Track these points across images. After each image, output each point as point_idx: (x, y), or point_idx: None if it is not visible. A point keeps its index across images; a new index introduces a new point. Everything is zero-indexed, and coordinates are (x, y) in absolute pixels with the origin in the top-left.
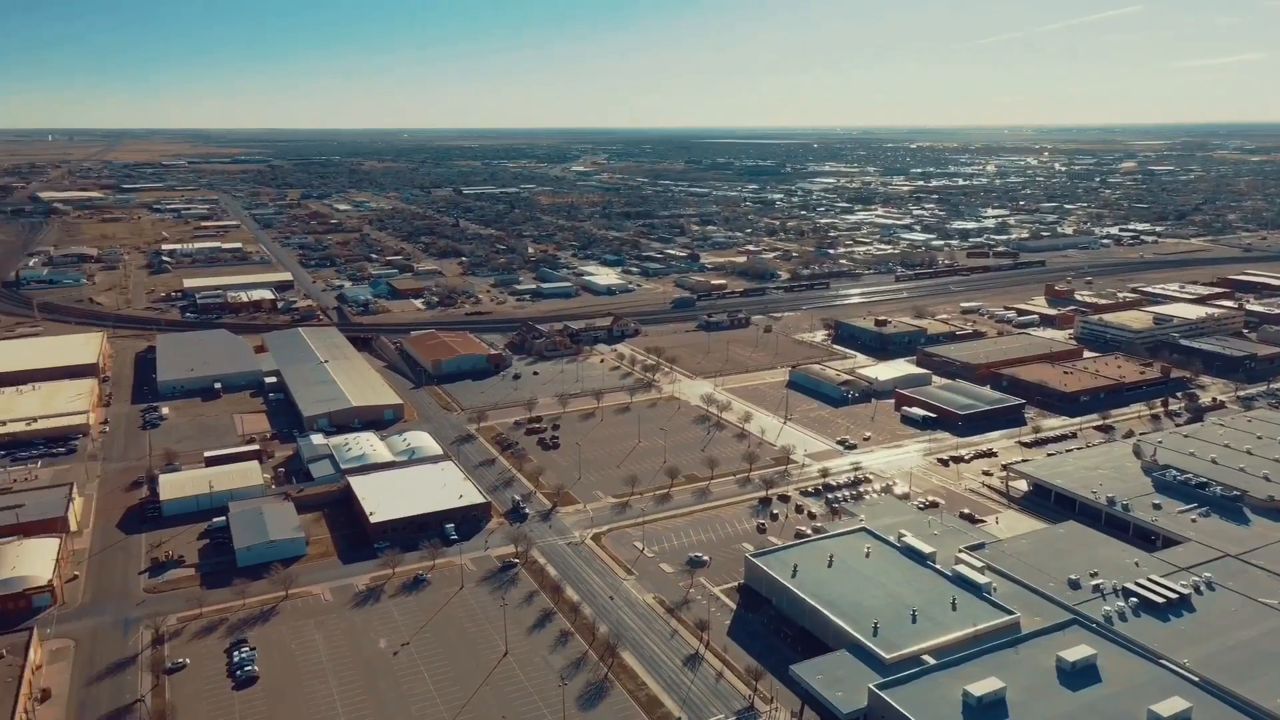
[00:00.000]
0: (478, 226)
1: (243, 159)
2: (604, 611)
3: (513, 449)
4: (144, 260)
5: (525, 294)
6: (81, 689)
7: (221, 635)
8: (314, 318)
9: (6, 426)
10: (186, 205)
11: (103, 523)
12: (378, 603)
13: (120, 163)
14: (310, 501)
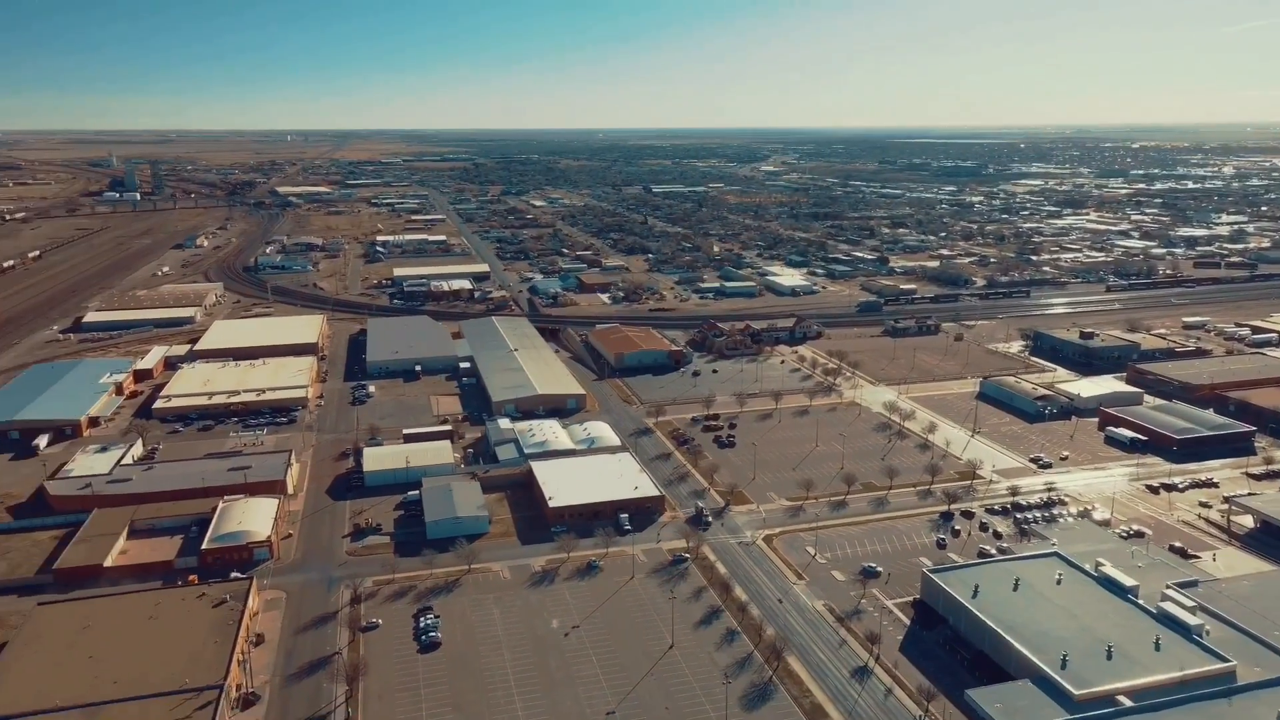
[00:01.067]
0: (665, 224)
1: (451, 157)
2: (772, 614)
3: (689, 445)
4: (361, 250)
5: (708, 292)
6: (290, 637)
7: (410, 601)
8: (506, 308)
9: (240, 396)
10: (400, 200)
11: (314, 488)
12: (552, 585)
13: (345, 161)
14: (495, 482)
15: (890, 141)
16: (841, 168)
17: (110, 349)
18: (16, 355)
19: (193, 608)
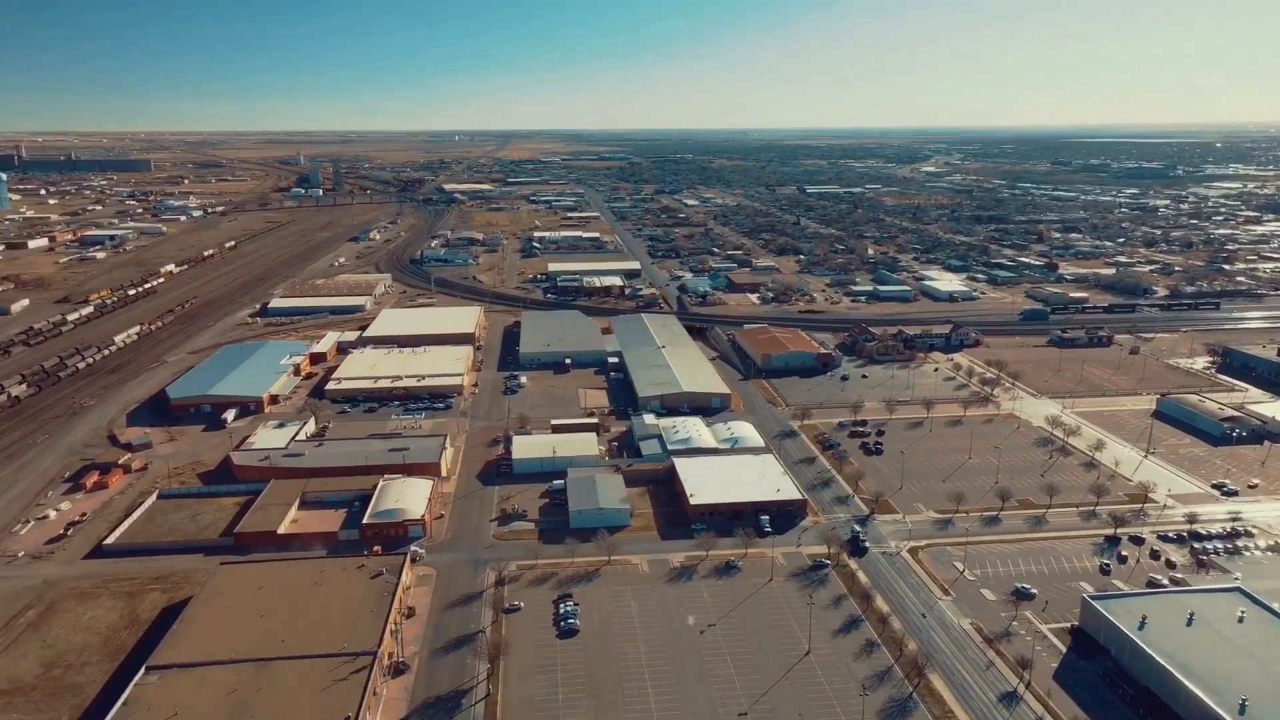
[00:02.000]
0: (818, 225)
1: (607, 156)
2: (914, 628)
3: (834, 450)
4: (518, 245)
5: (861, 295)
6: (439, 612)
7: (552, 587)
8: (656, 305)
9: (403, 382)
10: (557, 197)
11: (466, 472)
12: (690, 581)
13: (507, 160)
14: (637, 476)
15: (1065, 141)
16: (1009, 168)
17: (291, 333)
18: (211, 336)
19: (353, 578)
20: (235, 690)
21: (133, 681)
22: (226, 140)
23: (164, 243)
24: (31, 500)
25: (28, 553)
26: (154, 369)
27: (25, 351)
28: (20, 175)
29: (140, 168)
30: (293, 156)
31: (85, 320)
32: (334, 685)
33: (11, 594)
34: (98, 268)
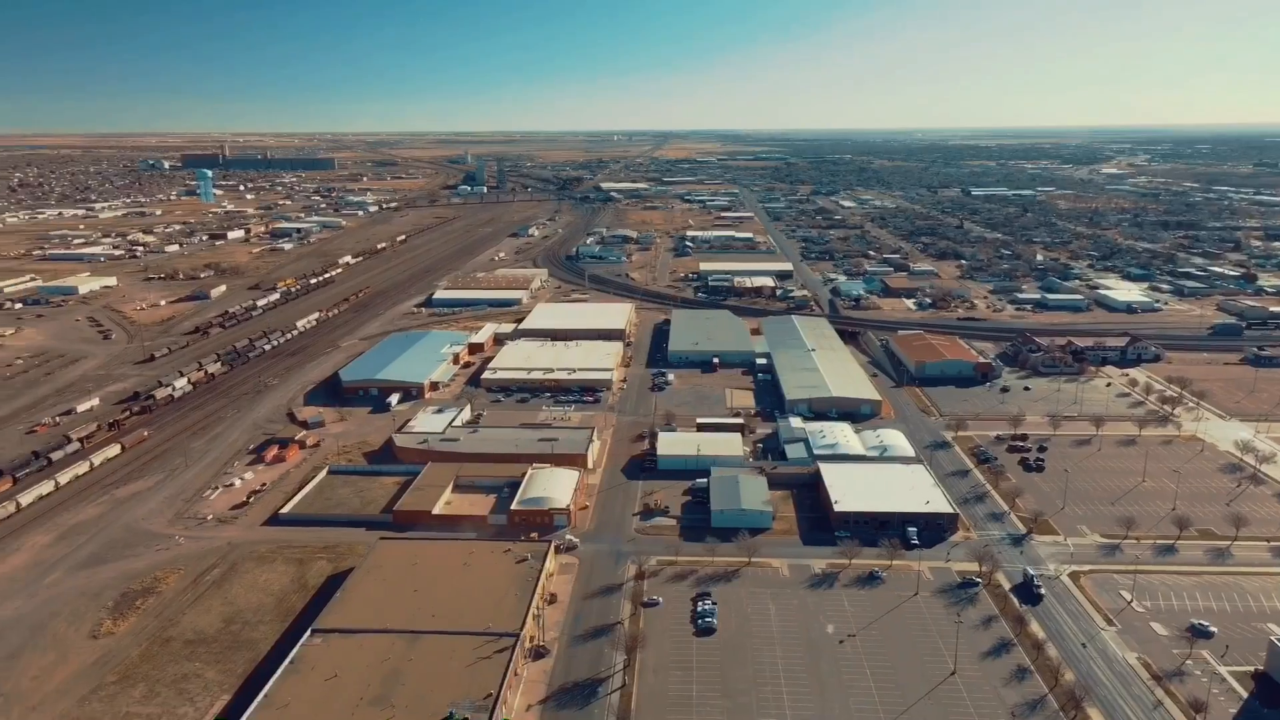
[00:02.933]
0: (983, 229)
1: (764, 156)
2: (1073, 658)
3: (990, 464)
4: (671, 244)
5: (1027, 303)
6: (579, 600)
7: (690, 585)
8: (807, 307)
9: (554, 374)
10: (711, 197)
11: (611, 465)
12: (830, 589)
13: (664, 159)
14: (781, 479)
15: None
16: (1204, 170)
17: (452, 323)
18: (381, 324)
19: (500, 561)
20: (389, 659)
21: (300, 642)
22: (402, 141)
23: (343, 236)
24: (220, 469)
25: (216, 516)
26: (329, 353)
27: (221, 333)
28: (223, 172)
29: (325, 166)
30: (460, 156)
31: (272, 306)
32: (478, 662)
33: (200, 553)
34: (285, 258)
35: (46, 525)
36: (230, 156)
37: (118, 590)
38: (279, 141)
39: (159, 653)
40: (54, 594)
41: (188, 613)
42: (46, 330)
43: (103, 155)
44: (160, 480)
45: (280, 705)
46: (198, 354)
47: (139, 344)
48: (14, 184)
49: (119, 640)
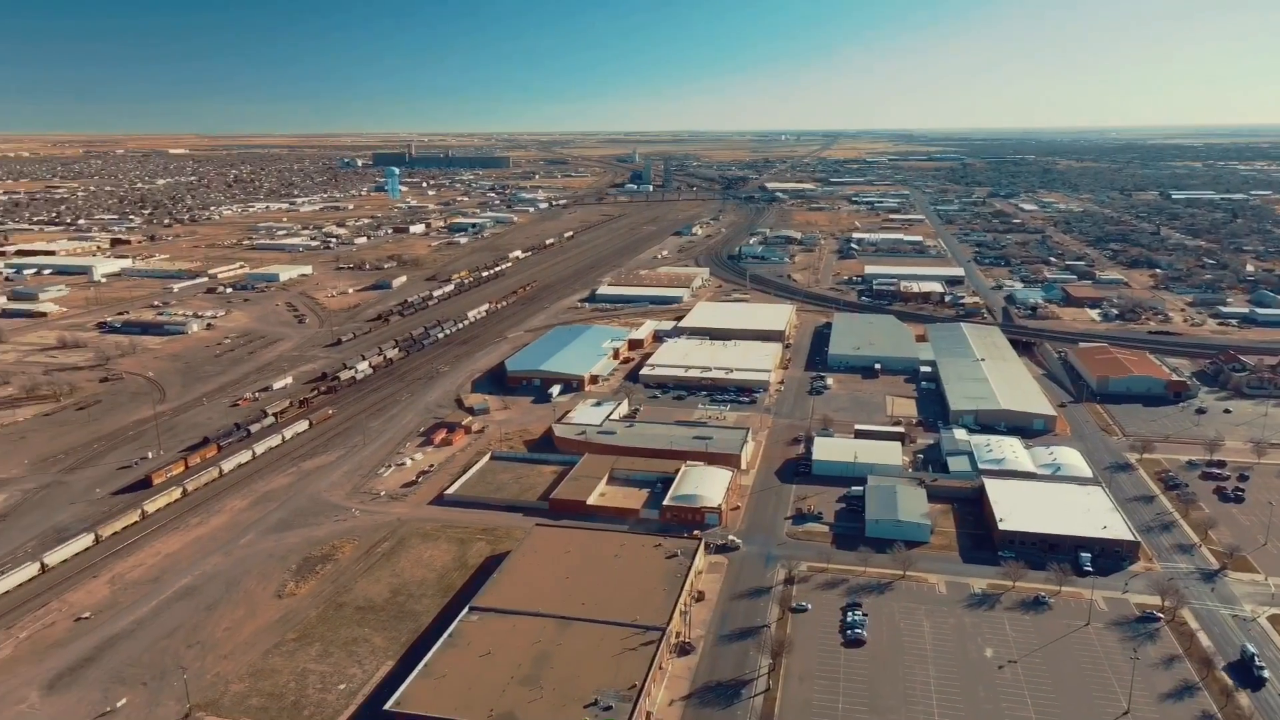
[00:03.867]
0: (1183, 236)
1: (938, 157)
2: (1269, 710)
3: (1179, 491)
4: (835, 245)
5: (1232, 318)
6: (726, 600)
7: (841, 594)
8: (977, 315)
9: (711, 373)
10: (879, 199)
11: (765, 467)
12: (991, 610)
13: (831, 159)
14: (941, 492)
15: None
16: None
17: (614, 319)
18: (546, 317)
19: (649, 555)
20: (539, 641)
21: (458, 618)
22: (573, 140)
23: (514, 231)
24: (394, 448)
25: (388, 493)
26: (497, 343)
27: (400, 321)
28: (409, 170)
29: (501, 165)
30: (628, 155)
31: (447, 297)
32: (624, 653)
33: (373, 526)
34: (460, 251)
35: (244, 491)
36: (415, 155)
37: (300, 555)
38: (460, 141)
39: (333, 616)
40: (247, 554)
41: (360, 581)
42: (251, 313)
43: (306, 154)
44: (341, 455)
45: (438, 676)
46: (378, 340)
47: (328, 328)
48: (230, 180)
49: (300, 601)
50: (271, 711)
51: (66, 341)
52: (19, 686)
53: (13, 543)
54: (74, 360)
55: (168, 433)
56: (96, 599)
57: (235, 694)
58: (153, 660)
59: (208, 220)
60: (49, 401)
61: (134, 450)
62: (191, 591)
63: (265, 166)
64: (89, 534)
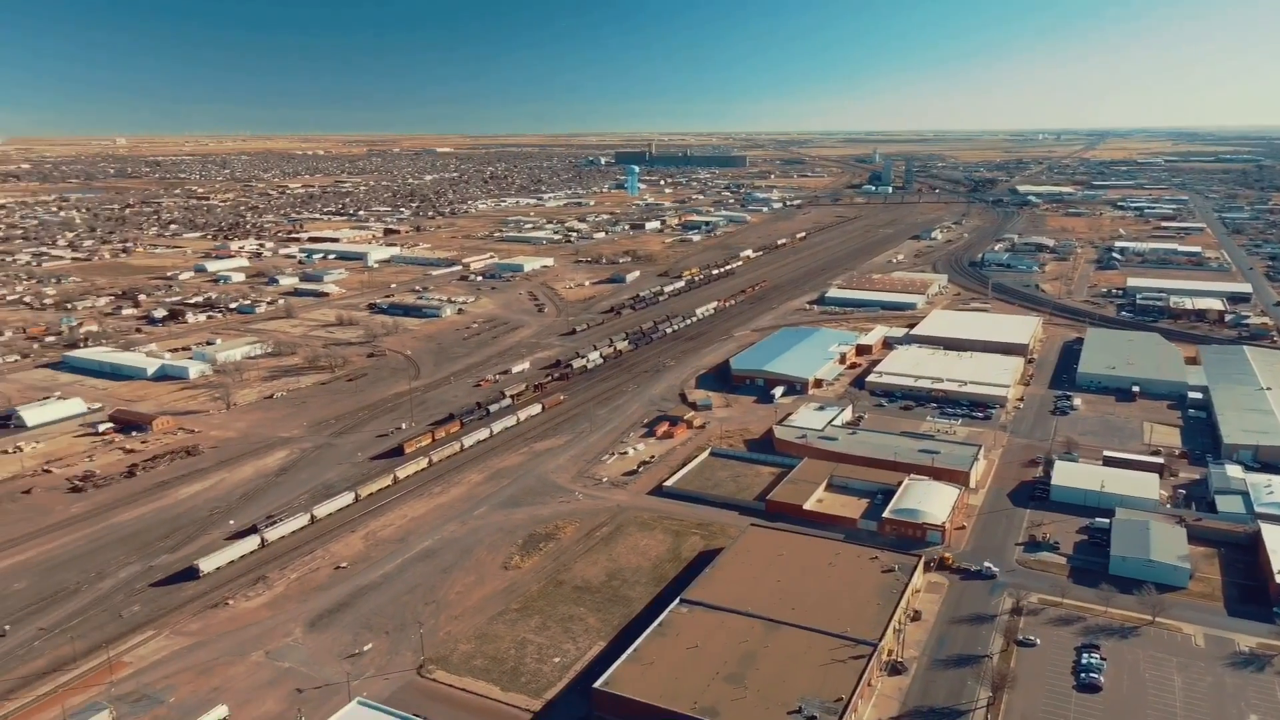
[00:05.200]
0: None
1: (1227, 158)
2: None
3: None
4: (1094, 255)
5: None
6: (944, 624)
7: (1076, 632)
8: (1266, 338)
9: (943, 384)
10: (1151, 204)
11: (996, 488)
12: (1259, 673)
13: (1095, 161)
14: (1205, 534)
15: None
16: None
17: (842, 322)
18: (773, 317)
19: (864, 567)
20: (746, 641)
21: (669, 608)
22: (812, 139)
23: (746, 230)
24: (618, 437)
25: (610, 479)
26: (723, 341)
27: (631, 314)
28: (648, 168)
29: (737, 164)
30: (869, 155)
31: (677, 293)
32: (832, 664)
33: (594, 511)
34: (692, 249)
35: (480, 466)
36: (655, 154)
37: (527, 531)
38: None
39: (553, 592)
40: (480, 525)
41: (578, 562)
42: (497, 300)
43: (554, 152)
44: (569, 440)
45: (646, 662)
46: (610, 331)
47: (564, 318)
48: (486, 177)
49: (523, 575)
50: (493, 674)
51: (343, 319)
52: (286, 621)
53: (291, 494)
54: (347, 336)
55: (419, 407)
56: (353, 551)
57: (462, 653)
58: (395, 612)
59: (465, 213)
60: (325, 372)
61: (391, 420)
62: (431, 554)
63: (518, 164)
64: (350, 493)
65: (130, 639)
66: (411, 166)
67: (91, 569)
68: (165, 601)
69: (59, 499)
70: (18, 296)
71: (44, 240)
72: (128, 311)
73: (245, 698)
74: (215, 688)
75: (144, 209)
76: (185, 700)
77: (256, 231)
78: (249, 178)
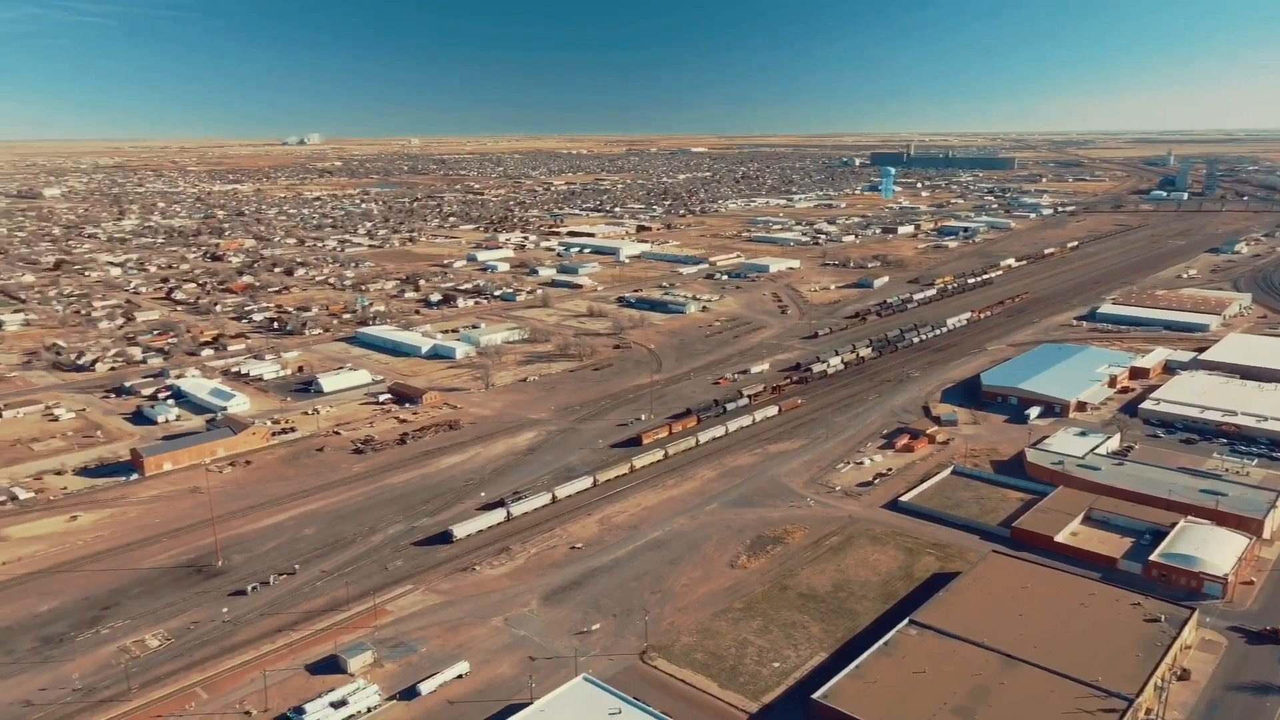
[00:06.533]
0: None
1: None
2: None
3: None
4: None
5: None
6: (1219, 689)
7: None
8: None
9: (1236, 418)
10: None
11: None
12: None
13: None
14: None
15: None
16: None
17: (1114, 341)
18: (1033, 332)
19: (1123, 613)
20: (979, 674)
21: (896, 627)
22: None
23: (1009, 238)
24: (854, 446)
25: (843, 488)
26: (974, 355)
27: (876, 321)
28: (904, 170)
29: (1003, 166)
30: (1161, 156)
31: (927, 301)
32: (1077, 713)
33: (825, 518)
34: (947, 255)
35: (713, 463)
36: (914, 155)
37: (755, 532)
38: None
39: (777, 596)
40: (709, 521)
41: (805, 569)
42: (741, 300)
43: (807, 153)
44: (803, 445)
45: (869, 680)
46: (853, 337)
47: (807, 321)
48: (738, 177)
49: (748, 575)
50: (712, 669)
51: (593, 311)
52: (525, 592)
53: (535, 474)
54: (597, 327)
55: (659, 400)
56: (588, 534)
57: (684, 645)
58: (623, 597)
59: (715, 212)
60: (574, 360)
61: (631, 411)
62: (660, 545)
63: (770, 164)
64: (589, 477)
65: (392, 590)
66: (666, 166)
67: (366, 523)
68: (423, 560)
69: (344, 458)
70: (324, 278)
71: (347, 229)
72: (409, 295)
73: (484, 658)
74: (459, 645)
75: (429, 202)
76: (433, 652)
77: (522, 225)
78: (519, 175)
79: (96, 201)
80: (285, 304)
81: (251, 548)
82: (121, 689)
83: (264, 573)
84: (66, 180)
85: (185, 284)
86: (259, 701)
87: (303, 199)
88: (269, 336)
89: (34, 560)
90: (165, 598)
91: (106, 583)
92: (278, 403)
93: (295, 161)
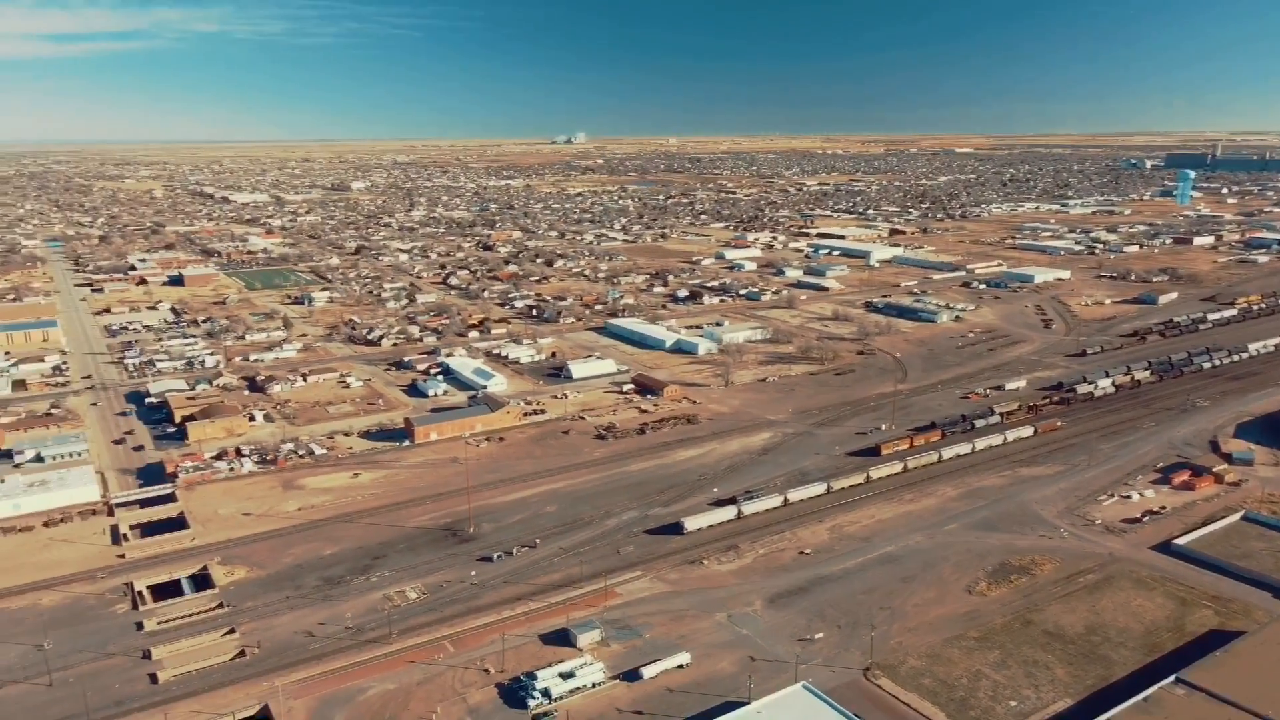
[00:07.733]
0: None
1: None
2: None
3: None
4: None
5: None
6: None
7: None
8: None
9: None
10: None
11: None
12: None
13: None
14: None
15: None
16: None
17: None
18: None
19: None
20: None
21: (1158, 684)
22: None
23: None
24: (1121, 478)
25: (1104, 523)
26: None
27: (1159, 341)
28: (1207, 174)
29: None
30: None
31: (1225, 322)
32: None
33: (1079, 553)
34: (1254, 271)
35: (956, 481)
36: (1220, 157)
37: (998, 558)
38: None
39: (1019, 630)
40: (947, 541)
41: (1053, 605)
42: (999, 311)
43: (1089, 154)
44: (1060, 471)
45: None
46: (1128, 357)
47: (1075, 337)
48: (1005, 180)
49: (988, 603)
50: (940, 698)
51: (839, 314)
52: (749, 592)
53: (768, 475)
54: (841, 332)
55: (901, 410)
56: (818, 540)
57: (911, 668)
58: (850, 609)
59: (977, 217)
60: (816, 363)
61: (871, 420)
62: (892, 560)
63: (1043, 166)
64: (822, 483)
65: (623, 574)
66: (927, 167)
67: (602, 507)
68: (653, 548)
69: (587, 442)
70: (580, 270)
71: (604, 224)
72: (658, 289)
73: (705, 651)
74: (682, 635)
75: (682, 200)
76: (657, 639)
77: (772, 225)
78: (772, 174)
79: (392, 194)
80: (544, 293)
81: (499, 518)
82: (384, 632)
83: (509, 543)
84: (370, 175)
85: (459, 270)
86: (496, 662)
87: (566, 195)
88: (528, 322)
89: (323, 509)
90: (424, 555)
91: (378, 535)
92: (531, 385)
93: (561, 159)
